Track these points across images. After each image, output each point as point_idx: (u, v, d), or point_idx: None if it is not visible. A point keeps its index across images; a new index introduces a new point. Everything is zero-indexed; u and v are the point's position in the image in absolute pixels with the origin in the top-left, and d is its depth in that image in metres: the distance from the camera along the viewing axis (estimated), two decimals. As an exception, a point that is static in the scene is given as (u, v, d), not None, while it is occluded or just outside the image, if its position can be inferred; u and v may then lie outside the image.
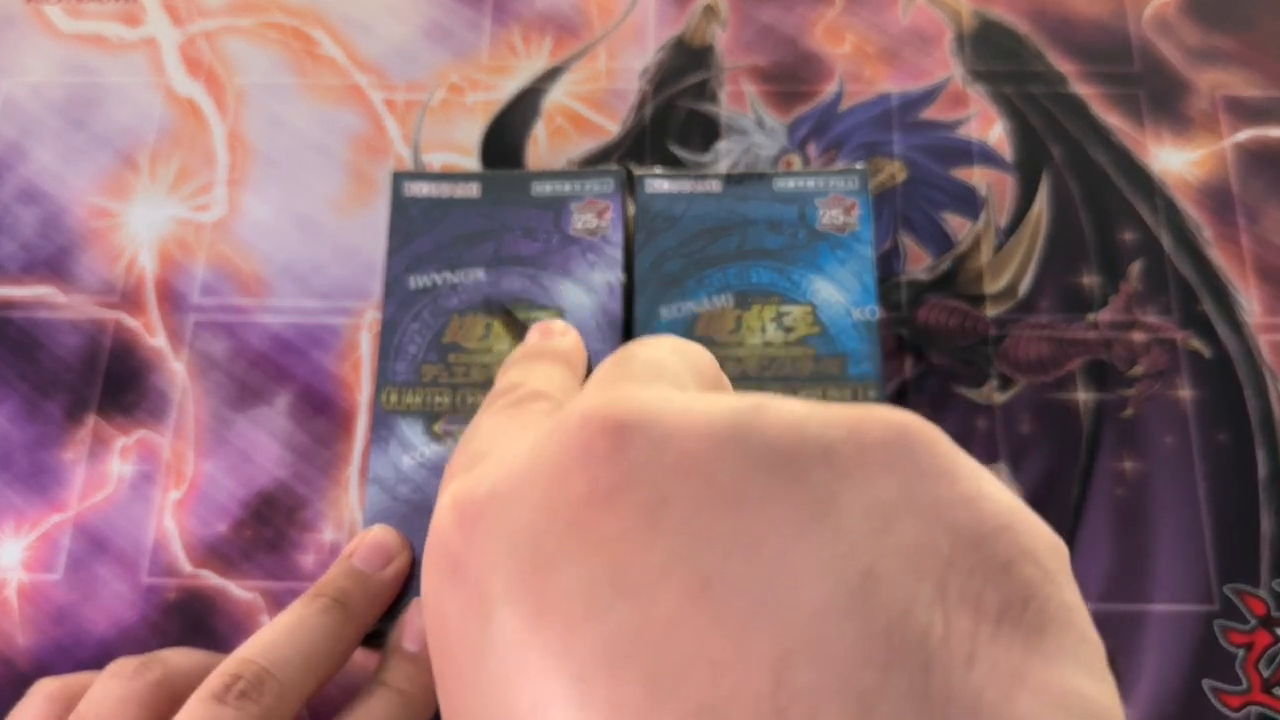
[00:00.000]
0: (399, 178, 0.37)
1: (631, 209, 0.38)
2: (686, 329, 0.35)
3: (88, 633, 0.38)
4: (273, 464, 0.40)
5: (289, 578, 0.39)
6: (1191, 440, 0.40)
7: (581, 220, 0.37)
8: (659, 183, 0.37)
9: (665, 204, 0.37)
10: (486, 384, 0.35)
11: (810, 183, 0.37)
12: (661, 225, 0.36)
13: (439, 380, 0.35)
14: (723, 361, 0.34)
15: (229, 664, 0.28)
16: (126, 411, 0.41)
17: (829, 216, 0.36)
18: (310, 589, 0.32)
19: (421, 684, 0.31)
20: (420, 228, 0.36)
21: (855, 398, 0.34)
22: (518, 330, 0.25)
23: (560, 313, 0.36)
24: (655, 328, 0.35)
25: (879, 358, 0.34)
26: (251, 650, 0.29)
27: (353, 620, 0.31)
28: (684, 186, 0.37)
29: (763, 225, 0.36)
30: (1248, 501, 0.39)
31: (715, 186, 0.37)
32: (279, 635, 0.29)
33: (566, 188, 0.37)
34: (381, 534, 0.33)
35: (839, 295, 0.35)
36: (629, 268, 0.36)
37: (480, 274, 0.36)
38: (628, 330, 0.35)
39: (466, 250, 0.36)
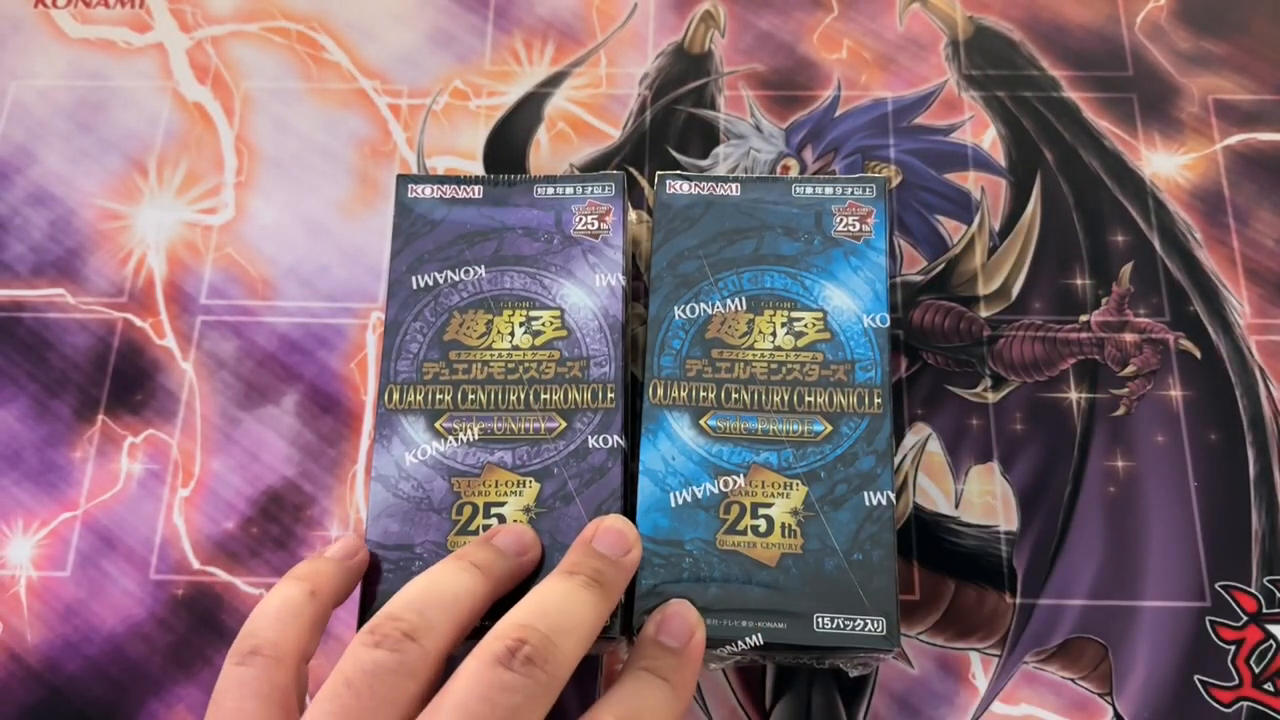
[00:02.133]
0: (402, 180, 0.38)
1: (633, 214, 0.38)
2: (699, 330, 0.36)
3: (96, 629, 0.39)
4: (279, 462, 0.41)
5: (295, 574, 0.39)
6: (1183, 439, 0.40)
7: (583, 222, 0.37)
8: (679, 183, 0.38)
9: (685, 205, 0.37)
10: (487, 380, 0.35)
11: (828, 189, 0.37)
12: (680, 226, 0.37)
13: (440, 378, 0.35)
14: (732, 365, 0.35)
15: (508, 628, 0.27)
16: (135, 411, 0.42)
17: (844, 224, 0.37)
18: (559, 568, 0.31)
19: (683, 680, 0.29)
20: (422, 229, 0.37)
21: (861, 404, 0.35)
22: None
23: (561, 312, 0.36)
24: (668, 326, 0.36)
25: (886, 364, 0.35)
26: (528, 616, 0.27)
27: (608, 600, 0.30)
28: (704, 188, 0.37)
29: (779, 231, 0.37)
30: (1238, 499, 0.40)
31: (734, 190, 0.37)
32: (551, 604, 0.28)
33: (568, 190, 0.38)
34: (619, 523, 0.32)
35: (851, 302, 0.36)
36: (636, 269, 0.37)
37: (481, 272, 0.37)
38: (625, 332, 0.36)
39: (468, 249, 0.37)
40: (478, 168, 0.46)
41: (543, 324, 0.36)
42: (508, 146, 0.46)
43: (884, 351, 0.35)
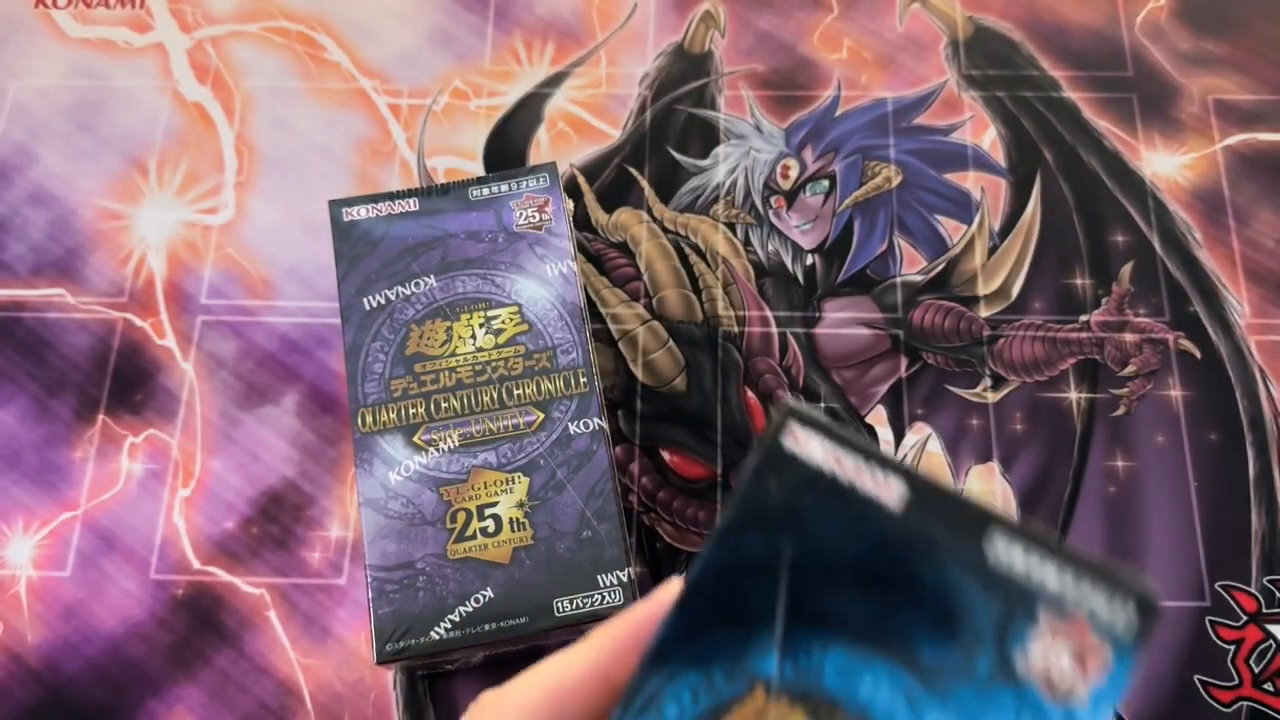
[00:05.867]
0: (335, 205, 0.38)
1: (568, 204, 0.39)
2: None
3: (96, 629, 0.39)
4: (279, 462, 0.41)
5: (295, 574, 0.39)
6: (1183, 439, 0.40)
7: (524, 215, 0.38)
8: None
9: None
10: (457, 387, 0.35)
11: (502, 187, 0.38)
12: (363, 250, 0.37)
13: (409, 392, 0.35)
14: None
15: None
16: (135, 411, 0.42)
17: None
18: None
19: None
20: (364, 249, 0.37)
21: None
22: None
23: (519, 307, 0.37)
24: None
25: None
26: None
27: None
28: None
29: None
30: (1238, 500, 0.40)
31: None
32: None
33: (502, 188, 0.39)
34: None
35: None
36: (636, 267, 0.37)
37: (432, 281, 0.37)
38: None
39: (414, 261, 0.37)
40: (478, 168, 0.46)
41: (502, 321, 0.36)
42: (508, 146, 0.46)
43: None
